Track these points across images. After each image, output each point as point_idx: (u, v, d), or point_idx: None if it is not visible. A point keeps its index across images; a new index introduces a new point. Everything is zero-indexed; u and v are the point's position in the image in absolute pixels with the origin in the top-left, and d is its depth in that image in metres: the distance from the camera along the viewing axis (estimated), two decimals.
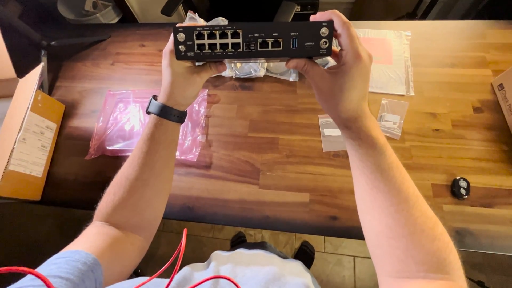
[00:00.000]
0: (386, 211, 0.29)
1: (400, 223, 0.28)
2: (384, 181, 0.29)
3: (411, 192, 0.29)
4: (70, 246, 0.32)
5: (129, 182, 0.36)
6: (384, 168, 0.29)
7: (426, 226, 0.27)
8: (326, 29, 0.29)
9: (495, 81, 0.66)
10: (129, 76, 0.80)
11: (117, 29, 0.90)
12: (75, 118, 0.75)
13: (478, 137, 0.62)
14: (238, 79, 0.75)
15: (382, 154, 0.29)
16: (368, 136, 0.30)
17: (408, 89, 0.68)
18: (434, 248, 0.27)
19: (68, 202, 0.66)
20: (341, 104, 0.29)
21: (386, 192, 0.29)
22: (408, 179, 0.30)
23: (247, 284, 0.35)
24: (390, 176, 0.29)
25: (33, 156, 0.64)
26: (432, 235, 0.27)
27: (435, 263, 0.26)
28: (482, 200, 0.57)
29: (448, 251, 0.27)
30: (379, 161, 0.29)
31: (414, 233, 0.27)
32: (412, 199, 0.28)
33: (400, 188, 0.29)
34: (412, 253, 0.27)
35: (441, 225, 0.29)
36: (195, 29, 0.30)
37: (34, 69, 0.63)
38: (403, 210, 0.28)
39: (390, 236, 0.29)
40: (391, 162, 0.29)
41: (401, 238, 0.28)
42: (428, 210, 0.29)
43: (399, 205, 0.28)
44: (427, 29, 0.77)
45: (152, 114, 0.36)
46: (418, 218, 0.28)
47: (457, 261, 0.27)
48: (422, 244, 0.27)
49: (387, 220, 0.29)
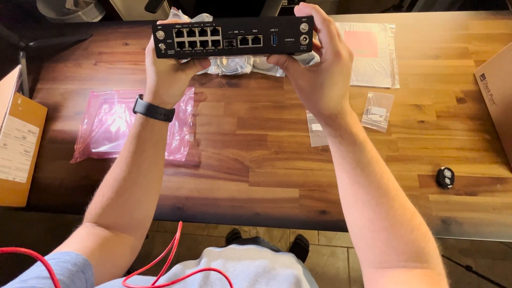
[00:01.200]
0: (368, 205, 0.30)
1: (381, 216, 0.29)
2: (365, 176, 0.30)
3: (391, 185, 0.30)
4: (60, 248, 0.32)
5: (117, 182, 0.36)
6: (365, 163, 0.30)
7: (404, 218, 0.28)
8: (305, 25, 0.29)
9: (477, 72, 0.67)
10: (113, 76, 0.78)
11: (99, 27, 0.87)
12: (59, 121, 0.73)
13: (462, 127, 0.63)
14: (224, 76, 0.75)
15: (362, 150, 0.30)
16: (348, 133, 0.30)
17: (393, 82, 0.69)
18: (412, 238, 0.28)
19: (54, 207, 0.65)
20: (322, 102, 0.29)
21: (366, 187, 0.30)
22: (387, 173, 0.30)
23: (237, 277, 0.35)
24: (370, 171, 0.29)
25: (16, 161, 0.62)
26: (410, 226, 0.28)
27: (414, 252, 0.27)
28: (466, 188, 0.58)
29: (426, 241, 0.28)
30: (359, 157, 0.30)
31: (394, 225, 0.28)
32: (392, 192, 0.29)
33: (380, 182, 0.29)
34: (392, 244, 0.28)
35: (419, 216, 0.30)
36: (174, 27, 0.29)
37: (11, 72, 0.60)
38: (383, 203, 0.29)
39: (372, 229, 0.30)
40: (371, 157, 0.30)
41: (382, 230, 0.29)
42: (406, 202, 0.30)
43: (379, 199, 0.29)
44: (411, 21, 0.77)
45: (139, 113, 0.36)
46: (398, 210, 0.29)
47: (435, 250, 0.28)
48: (401, 235, 0.28)
49: (368, 213, 0.30)
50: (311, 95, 0.30)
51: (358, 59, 0.73)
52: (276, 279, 0.35)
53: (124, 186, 0.36)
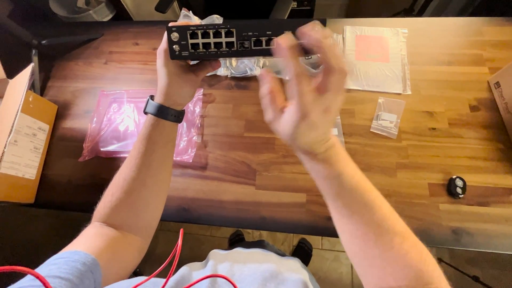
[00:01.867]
0: (355, 235, 0.29)
1: (370, 244, 0.28)
2: (346, 207, 0.29)
3: (376, 211, 0.28)
4: (69, 247, 0.32)
5: (126, 183, 0.36)
6: (344, 195, 0.29)
7: (395, 243, 0.27)
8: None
9: (492, 79, 0.66)
10: (123, 76, 0.79)
11: (110, 27, 0.88)
12: (68, 119, 0.74)
13: (475, 136, 0.62)
14: (233, 78, 0.74)
15: (340, 183, 0.28)
16: (323, 169, 0.29)
17: (405, 88, 0.68)
18: (408, 262, 0.26)
19: (62, 204, 0.65)
20: (292, 143, 0.28)
21: (349, 217, 0.29)
22: (372, 199, 0.29)
23: (244, 281, 0.35)
24: (350, 201, 0.28)
25: (26, 158, 0.63)
26: (403, 250, 0.27)
27: (413, 277, 0.26)
28: (478, 199, 0.57)
29: (423, 262, 0.27)
30: (338, 189, 0.29)
31: (385, 252, 0.27)
32: (378, 216, 0.28)
33: (363, 211, 0.28)
34: (388, 271, 0.27)
35: (411, 236, 0.28)
36: (188, 29, 0.29)
37: (24, 69, 0.61)
38: (369, 232, 0.28)
39: (364, 257, 0.29)
40: (350, 188, 0.28)
41: (375, 258, 0.28)
42: (396, 225, 0.28)
43: (365, 228, 0.28)
44: (423, 26, 0.76)
45: (149, 114, 0.36)
46: (386, 236, 0.27)
47: (435, 269, 0.27)
48: (395, 260, 0.27)
49: (358, 242, 0.29)
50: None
51: (369, 63, 0.72)
52: (284, 284, 0.35)
53: (133, 187, 0.36)
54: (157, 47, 0.82)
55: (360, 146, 0.63)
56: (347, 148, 0.63)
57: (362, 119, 0.66)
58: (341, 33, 0.76)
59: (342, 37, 0.75)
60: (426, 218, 0.56)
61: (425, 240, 0.55)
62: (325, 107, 0.24)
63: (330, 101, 0.24)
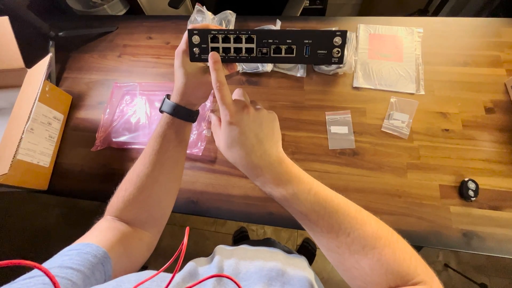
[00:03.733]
0: (330, 249, 0.29)
1: (345, 256, 0.28)
2: (313, 224, 0.29)
3: (343, 219, 0.28)
4: (82, 239, 0.32)
5: (139, 179, 0.36)
6: (307, 212, 0.28)
7: (367, 249, 0.27)
8: (339, 38, 0.29)
9: (509, 81, 0.64)
10: (136, 69, 0.80)
11: (124, 21, 0.89)
12: (82, 110, 0.75)
13: (489, 138, 0.61)
14: (245, 73, 0.75)
15: (298, 202, 0.28)
16: (277, 192, 0.29)
17: (418, 88, 0.67)
18: (384, 267, 0.26)
19: (73, 192, 0.67)
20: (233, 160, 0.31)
21: (320, 232, 0.29)
22: (333, 204, 0.28)
23: (250, 279, 0.35)
24: (316, 218, 0.28)
25: (41, 146, 0.65)
26: (377, 255, 0.26)
27: (392, 279, 0.26)
28: (490, 202, 0.56)
29: (399, 260, 0.26)
30: (299, 208, 0.29)
31: (359, 261, 0.27)
32: (346, 225, 0.27)
33: (330, 222, 0.28)
34: (368, 279, 0.27)
35: (384, 233, 0.28)
36: (210, 33, 0.30)
37: (42, 60, 0.63)
38: (341, 243, 0.27)
39: (344, 269, 0.29)
40: (310, 204, 0.28)
41: (353, 269, 0.27)
42: (366, 228, 0.27)
43: (336, 240, 0.28)
44: (440, 26, 0.74)
45: (165, 113, 0.37)
46: (357, 244, 0.27)
47: (416, 261, 0.27)
48: (372, 268, 0.26)
49: (335, 256, 0.29)
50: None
51: (382, 62, 0.71)
52: (290, 283, 0.35)
53: (145, 183, 0.36)
54: (170, 41, 0.84)
55: (371, 145, 0.63)
56: (358, 147, 0.63)
57: (373, 118, 0.65)
58: (355, 31, 0.75)
59: (356, 35, 0.75)
60: (436, 220, 0.55)
61: (435, 242, 0.54)
62: (242, 106, 0.29)
63: (243, 100, 0.30)
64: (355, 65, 0.71)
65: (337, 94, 0.69)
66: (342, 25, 0.77)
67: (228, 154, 0.31)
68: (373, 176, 0.60)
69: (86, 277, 0.27)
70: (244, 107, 0.30)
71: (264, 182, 0.30)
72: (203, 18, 0.78)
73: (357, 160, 0.62)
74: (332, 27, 0.76)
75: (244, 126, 0.29)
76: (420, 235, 0.55)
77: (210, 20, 0.77)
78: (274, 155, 0.30)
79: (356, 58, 0.72)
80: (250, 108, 0.30)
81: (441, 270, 1.26)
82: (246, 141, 0.29)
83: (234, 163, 0.31)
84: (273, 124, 0.32)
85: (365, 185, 0.60)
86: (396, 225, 0.54)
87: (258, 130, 0.30)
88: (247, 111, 0.29)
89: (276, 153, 0.30)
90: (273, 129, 0.31)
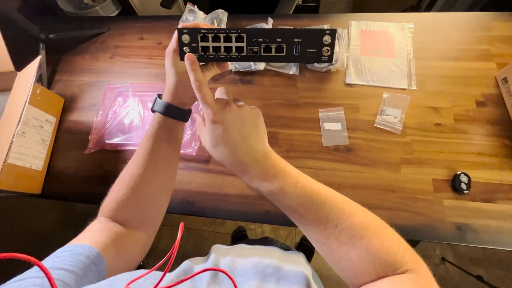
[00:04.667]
0: (320, 241, 0.29)
1: (334, 247, 0.28)
2: (302, 217, 0.29)
3: (330, 210, 0.28)
4: (75, 241, 0.32)
5: (133, 179, 0.36)
6: (294, 206, 0.29)
7: (356, 239, 0.27)
8: (329, 37, 0.29)
9: (499, 75, 0.65)
10: (128, 70, 0.79)
11: (116, 22, 0.89)
12: (75, 112, 0.75)
13: (481, 132, 0.61)
14: (238, 72, 0.75)
15: (285, 196, 0.29)
16: (264, 188, 0.29)
17: (410, 83, 0.67)
18: (372, 256, 0.26)
19: (68, 195, 0.66)
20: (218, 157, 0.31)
21: (309, 225, 0.29)
22: (321, 196, 0.29)
23: (245, 275, 0.35)
24: (303, 211, 0.28)
25: (33, 149, 0.64)
26: (365, 244, 0.27)
27: (380, 268, 0.26)
28: (483, 195, 0.56)
29: (387, 249, 0.26)
30: (287, 202, 0.29)
31: (348, 251, 0.27)
32: (333, 216, 0.28)
33: (317, 215, 0.28)
34: (357, 269, 0.27)
35: (371, 222, 0.28)
36: (199, 31, 0.30)
37: (32, 62, 0.62)
38: (330, 235, 0.28)
39: (333, 260, 0.29)
40: (297, 197, 0.28)
41: (343, 260, 0.28)
42: (353, 215, 0.28)
43: (325, 232, 0.28)
44: (430, 21, 0.75)
45: (157, 112, 0.36)
46: (345, 235, 0.27)
47: (403, 249, 0.27)
48: (360, 258, 0.27)
49: (324, 248, 0.29)
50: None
51: (374, 58, 0.71)
52: (286, 278, 0.35)
53: (139, 183, 0.36)
54: (162, 41, 0.83)
55: (364, 141, 0.63)
56: (351, 143, 0.63)
57: (366, 114, 0.66)
58: (346, 28, 0.75)
59: (347, 32, 0.75)
60: (430, 214, 0.56)
61: (429, 236, 0.55)
62: (224, 104, 0.30)
63: (225, 98, 0.31)
64: (347, 62, 0.71)
65: (330, 91, 0.70)
66: (334, 22, 0.78)
67: (214, 152, 0.31)
68: (367, 172, 0.61)
69: (78, 278, 0.26)
70: (226, 105, 0.30)
71: (251, 178, 0.30)
72: (194, 17, 0.78)
73: (351, 156, 0.62)
74: (324, 24, 0.76)
75: (227, 124, 0.29)
76: (415, 229, 0.55)
77: (202, 19, 0.77)
78: (260, 150, 0.30)
79: (348, 55, 0.72)
80: (233, 105, 0.30)
81: (438, 264, 1.27)
82: (230, 139, 0.29)
83: (220, 162, 0.31)
84: (256, 120, 0.32)
85: (360, 181, 0.60)
86: (391, 220, 0.55)
87: (242, 126, 0.30)
88: (229, 109, 0.29)
89: (262, 148, 0.30)
90: (257, 125, 0.31)
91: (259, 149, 0.30)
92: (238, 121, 0.30)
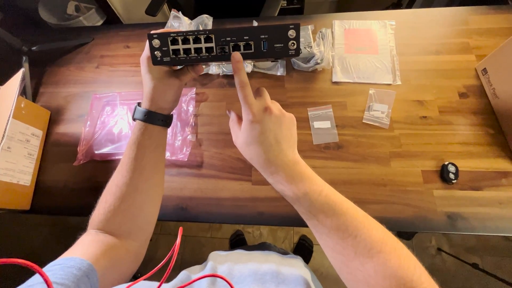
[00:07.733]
0: (336, 250, 0.29)
1: (350, 257, 0.28)
2: (321, 224, 0.29)
3: (350, 222, 0.28)
4: (65, 254, 0.32)
5: (119, 189, 0.36)
6: (316, 213, 0.29)
7: (373, 252, 0.27)
8: (293, 31, 0.30)
9: (479, 66, 0.67)
10: (115, 79, 0.79)
11: (100, 31, 0.88)
12: (62, 124, 0.74)
13: (465, 122, 0.63)
14: (225, 76, 0.75)
15: (309, 201, 0.29)
16: (289, 190, 0.30)
17: (394, 78, 0.69)
18: (388, 271, 0.26)
19: (58, 209, 0.65)
20: (253, 159, 0.32)
21: (327, 233, 0.29)
22: (343, 207, 0.29)
23: (244, 282, 0.35)
24: (324, 218, 0.29)
25: (20, 164, 0.63)
26: (382, 259, 0.27)
27: (394, 284, 0.26)
28: (470, 183, 0.58)
29: (402, 266, 0.26)
30: (309, 208, 0.29)
31: (364, 263, 0.27)
32: (353, 228, 0.28)
33: (337, 224, 0.28)
34: (371, 282, 0.27)
35: (389, 239, 0.28)
36: (169, 35, 0.31)
37: (14, 75, 0.61)
38: (347, 245, 0.28)
39: (348, 271, 0.29)
40: (320, 205, 0.29)
41: (357, 271, 0.28)
42: (372, 229, 0.28)
43: (342, 241, 0.28)
44: (410, 17, 0.77)
45: (138, 120, 0.37)
46: (363, 247, 0.27)
47: (415, 268, 0.27)
48: (376, 271, 0.26)
49: (340, 257, 0.29)
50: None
51: (359, 56, 0.73)
52: (285, 282, 0.35)
53: (126, 192, 0.36)
54: None
55: (353, 138, 0.64)
56: (341, 140, 0.64)
57: (354, 111, 0.67)
58: (330, 28, 0.77)
59: (331, 31, 0.76)
60: (421, 205, 0.57)
61: (421, 227, 0.56)
62: (264, 107, 0.31)
63: (266, 101, 0.32)
64: (332, 61, 0.72)
65: (318, 90, 0.70)
66: (318, 22, 0.79)
67: (246, 150, 0.32)
68: (358, 168, 0.61)
69: None
70: (266, 108, 0.31)
71: (278, 180, 0.31)
72: (179, 23, 0.78)
73: (341, 153, 0.63)
74: (308, 24, 0.77)
75: (265, 126, 0.30)
76: (407, 221, 0.56)
77: (187, 25, 0.77)
78: (290, 156, 0.31)
79: (333, 54, 0.73)
80: (273, 109, 0.31)
81: (434, 255, 1.29)
82: (265, 140, 0.30)
83: (250, 160, 0.32)
84: (291, 128, 0.33)
85: (351, 177, 0.61)
86: (383, 213, 0.56)
87: (278, 131, 0.31)
88: (269, 112, 0.31)
89: (292, 155, 0.31)
90: (291, 133, 0.32)
91: (289, 155, 0.31)
92: (276, 125, 0.31)
